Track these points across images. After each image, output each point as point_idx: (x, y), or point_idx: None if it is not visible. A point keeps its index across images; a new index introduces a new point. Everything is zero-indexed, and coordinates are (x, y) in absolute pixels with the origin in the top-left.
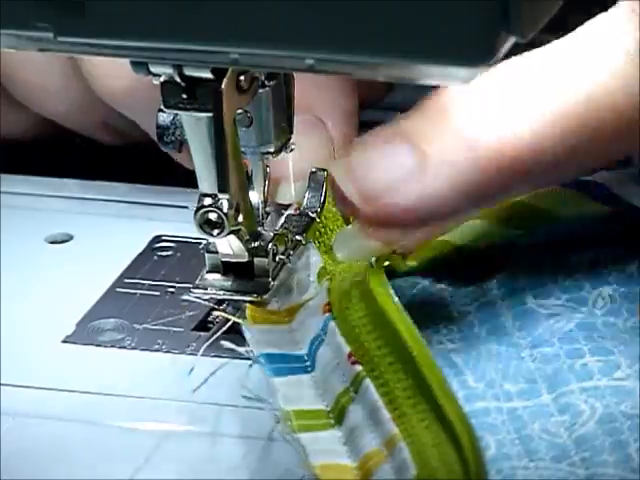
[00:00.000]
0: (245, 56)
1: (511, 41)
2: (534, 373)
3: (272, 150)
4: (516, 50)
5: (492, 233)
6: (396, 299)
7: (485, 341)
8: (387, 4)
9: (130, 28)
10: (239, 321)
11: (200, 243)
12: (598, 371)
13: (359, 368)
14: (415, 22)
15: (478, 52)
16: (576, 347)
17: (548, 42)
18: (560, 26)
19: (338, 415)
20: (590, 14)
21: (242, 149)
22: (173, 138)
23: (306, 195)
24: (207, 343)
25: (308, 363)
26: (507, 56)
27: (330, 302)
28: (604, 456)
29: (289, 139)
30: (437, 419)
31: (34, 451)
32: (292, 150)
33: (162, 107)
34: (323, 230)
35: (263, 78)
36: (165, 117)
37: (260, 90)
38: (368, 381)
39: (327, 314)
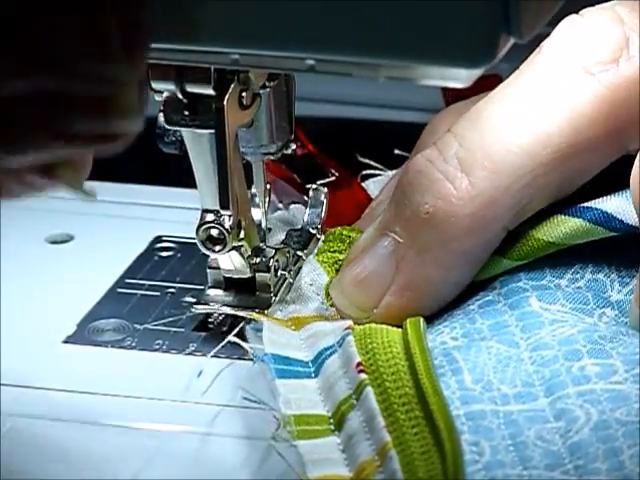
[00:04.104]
0: (245, 57)
1: (511, 42)
2: (532, 376)
3: (273, 151)
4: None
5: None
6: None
7: (487, 338)
8: (387, 5)
9: None
10: (254, 316)
11: None
12: (595, 375)
13: (364, 376)
14: (415, 23)
15: (478, 53)
16: (575, 348)
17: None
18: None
19: (338, 421)
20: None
21: (242, 149)
22: (173, 138)
23: (307, 211)
24: (222, 344)
25: (312, 369)
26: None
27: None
28: (597, 464)
29: (290, 140)
30: (427, 425)
31: (34, 451)
32: (293, 150)
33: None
34: (332, 244)
35: (264, 79)
36: None
37: (261, 91)
38: (369, 389)
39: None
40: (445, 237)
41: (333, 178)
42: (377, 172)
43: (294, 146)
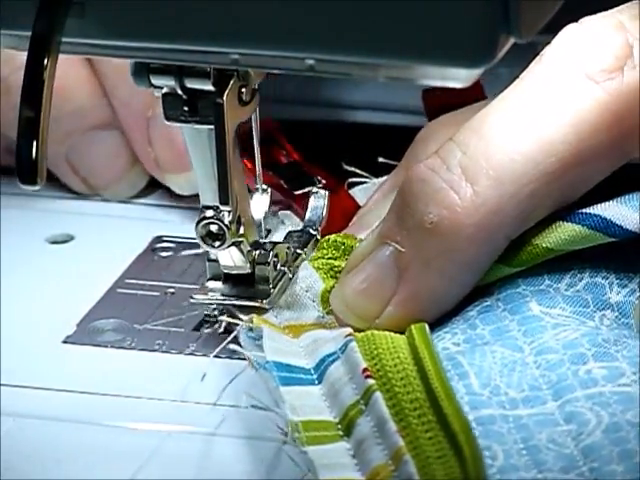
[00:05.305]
0: (245, 56)
1: (511, 42)
2: (538, 380)
3: None
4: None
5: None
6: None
7: (489, 343)
8: (387, 5)
9: (130, 29)
10: (254, 320)
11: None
12: (602, 378)
13: (372, 382)
14: (415, 23)
15: (478, 53)
16: (580, 352)
17: (547, 43)
18: (560, 26)
19: (347, 427)
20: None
21: None
22: None
23: (307, 213)
24: (221, 346)
25: (315, 376)
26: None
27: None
28: (612, 466)
29: None
30: (442, 429)
31: (34, 452)
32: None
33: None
34: (325, 252)
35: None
36: None
37: None
38: (378, 394)
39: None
40: (450, 247)
41: (320, 186)
42: (363, 180)
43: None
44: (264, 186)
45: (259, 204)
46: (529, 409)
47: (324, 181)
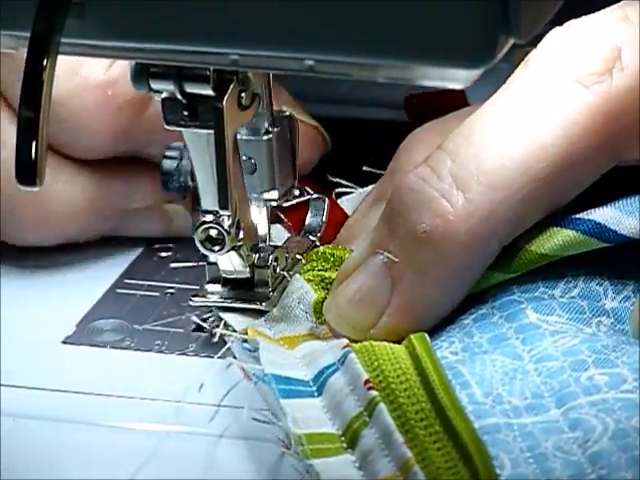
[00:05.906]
0: (245, 57)
1: (510, 42)
2: (540, 387)
3: (276, 197)
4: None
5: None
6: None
7: (488, 351)
8: (387, 5)
9: (130, 29)
10: (249, 334)
11: None
12: (605, 384)
13: (375, 393)
14: (415, 24)
15: (478, 54)
16: (580, 358)
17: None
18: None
19: (351, 439)
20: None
21: (248, 196)
22: (177, 184)
23: (307, 219)
24: (217, 356)
25: (314, 388)
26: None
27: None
28: (622, 473)
29: (293, 186)
30: (450, 439)
31: (34, 452)
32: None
33: (166, 153)
34: (315, 264)
35: (267, 125)
36: (169, 163)
37: (264, 137)
38: (382, 405)
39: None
40: (443, 255)
41: (308, 197)
42: (349, 190)
43: (297, 192)
44: None
45: (261, 211)
46: (533, 417)
47: (311, 191)
